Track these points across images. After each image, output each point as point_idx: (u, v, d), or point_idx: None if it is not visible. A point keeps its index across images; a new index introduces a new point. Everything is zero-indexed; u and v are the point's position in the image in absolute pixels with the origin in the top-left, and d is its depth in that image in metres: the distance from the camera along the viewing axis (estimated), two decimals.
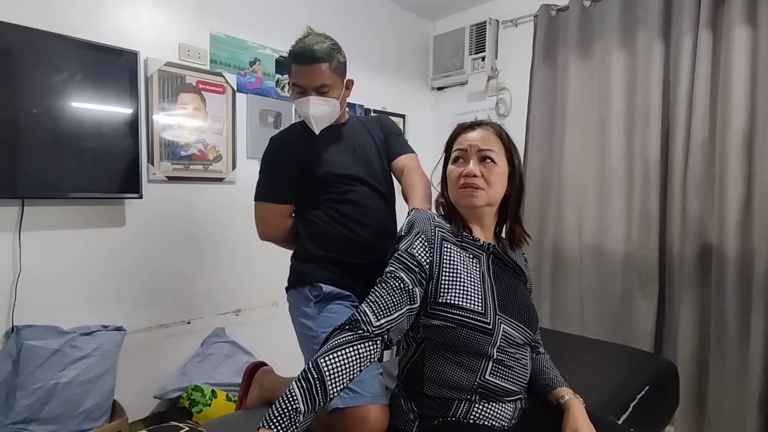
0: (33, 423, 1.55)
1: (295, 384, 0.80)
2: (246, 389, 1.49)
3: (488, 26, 2.91)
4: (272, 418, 0.76)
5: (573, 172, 2.49)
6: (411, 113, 3.22)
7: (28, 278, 1.69)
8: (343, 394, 1.04)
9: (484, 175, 1.00)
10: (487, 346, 0.94)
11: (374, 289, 0.94)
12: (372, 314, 0.88)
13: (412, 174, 1.38)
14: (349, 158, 1.39)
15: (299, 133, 1.43)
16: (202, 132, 2.15)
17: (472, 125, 1.07)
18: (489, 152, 1.01)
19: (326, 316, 1.24)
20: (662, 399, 1.54)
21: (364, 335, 0.86)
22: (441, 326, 0.94)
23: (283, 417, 0.76)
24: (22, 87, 1.60)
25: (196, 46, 2.13)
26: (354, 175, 1.36)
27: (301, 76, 1.30)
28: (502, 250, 1.08)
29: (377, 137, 1.48)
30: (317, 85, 1.30)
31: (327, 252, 1.33)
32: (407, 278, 0.93)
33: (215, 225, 2.22)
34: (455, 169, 1.04)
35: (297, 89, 1.32)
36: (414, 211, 1.09)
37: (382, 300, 0.90)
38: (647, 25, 2.22)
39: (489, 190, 1.01)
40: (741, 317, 1.93)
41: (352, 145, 1.42)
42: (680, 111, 2.11)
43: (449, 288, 0.95)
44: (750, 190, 1.93)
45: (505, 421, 0.98)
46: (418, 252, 0.96)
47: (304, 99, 1.31)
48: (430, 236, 0.99)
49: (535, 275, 2.66)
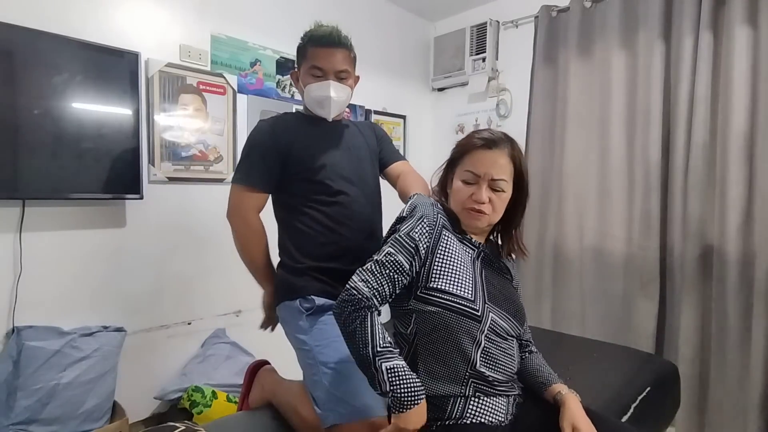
0: (33, 424, 1.55)
1: (387, 366, 0.88)
2: (248, 389, 1.48)
3: (489, 27, 2.91)
4: (415, 390, 0.87)
5: (574, 173, 2.49)
6: (411, 114, 3.23)
7: (29, 279, 1.69)
8: (341, 409, 1.05)
9: (492, 201, 1.02)
10: (476, 333, 0.97)
11: (372, 269, 0.96)
12: (372, 297, 0.94)
13: (409, 177, 1.39)
14: (342, 157, 1.34)
15: (294, 121, 1.39)
16: (203, 133, 2.16)
17: (489, 143, 1.03)
18: (501, 182, 1.02)
19: (319, 328, 1.20)
20: (663, 400, 1.54)
21: (373, 308, 0.94)
22: (430, 312, 0.97)
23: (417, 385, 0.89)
24: (24, 88, 1.60)
25: (197, 47, 2.14)
26: (346, 176, 1.32)
27: (323, 58, 1.28)
28: (491, 252, 1.11)
29: (370, 142, 1.45)
30: (340, 68, 1.29)
31: (317, 261, 1.26)
32: (405, 262, 0.97)
33: (216, 226, 2.20)
34: (464, 189, 1.03)
35: (316, 72, 1.29)
36: (416, 195, 1.09)
37: (381, 284, 0.95)
38: (648, 25, 2.22)
39: (493, 215, 1.04)
40: (742, 318, 1.92)
41: (347, 145, 1.38)
42: (681, 112, 2.11)
43: (441, 274, 0.98)
44: (751, 191, 1.93)
45: (501, 416, 0.99)
46: (418, 236, 0.99)
47: (324, 82, 1.28)
48: (433, 221, 1.02)
49: (536, 276, 2.66)
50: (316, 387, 1.14)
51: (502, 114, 2.96)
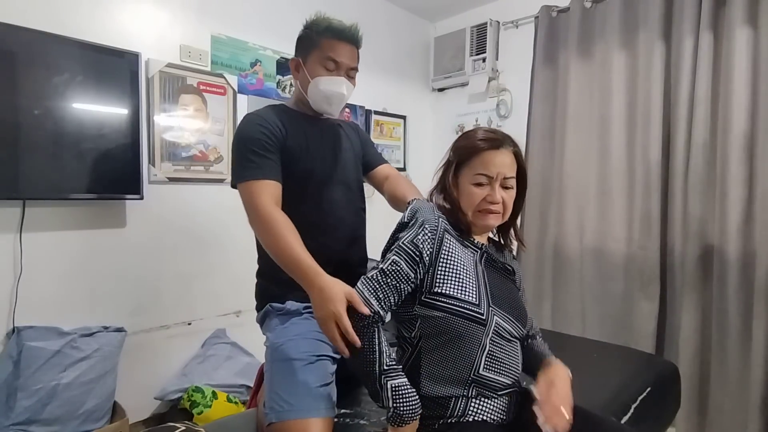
0: (34, 424, 1.55)
1: (392, 384, 0.91)
2: (258, 387, 1.47)
3: (489, 27, 2.91)
4: (414, 409, 0.91)
5: (574, 173, 2.49)
6: (411, 114, 3.23)
7: (29, 279, 1.69)
8: (277, 407, 1.02)
9: (504, 200, 1.04)
10: (481, 336, 0.97)
11: (378, 279, 0.97)
12: (379, 309, 0.96)
13: (399, 180, 1.39)
14: (332, 158, 1.29)
15: (285, 114, 1.26)
16: (203, 133, 2.16)
17: (495, 143, 1.03)
18: (511, 180, 1.05)
19: (284, 327, 1.17)
20: (663, 401, 1.54)
21: (380, 323, 0.97)
22: (436, 317, 0.97)
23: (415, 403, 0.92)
24: (24, 88, 1.60)
25: (197, 47, 2.14)
26: (335, 177, 1.27)
27: (341, 52, 1.22)
28: (493, 251, 1.12)
29: (355, 144, 1.40)
30: (354, 65, 1.25)
31: None
32: (410, 270, 0.98)
33: (216, 226, 2.22)
34: (478, 192, 1.03)
35: (330, 65, 1.22)
36: (416, 200, 1.10)
37: (387, 295, 0.97)
38: (648, 26, 2.22)
39: (505, 214, 1.06)
40: (742, 319, 1.92)
41: (338, 148, 1.33)
42: (681, 112, 2.11)
43: (445, 279, 0.99)
44: (751, 191, 1.93)
45: (502, 414, 0.99)
46: (421, 243, 0.99)
47: (338, 77, 1.23)
48: (435, 226, 1.02)
49: (536, 277, 2.66)
50: (266, 386, 1.11)
51: (503, 114, 2.96)
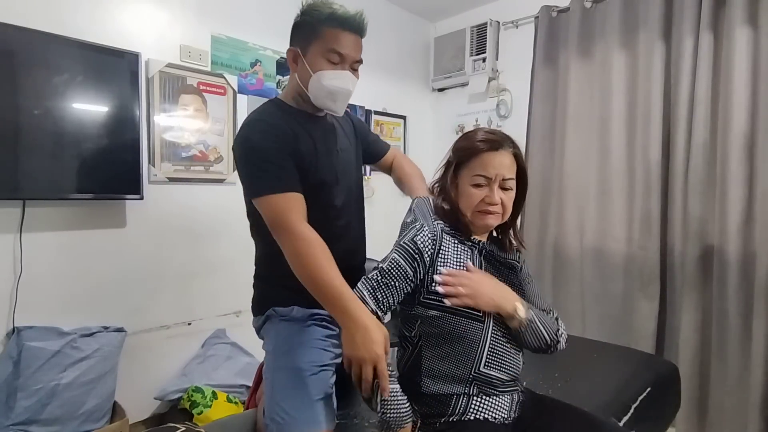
0: (33, 424, 1.55)
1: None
2: (256, 387, 1.47)
3: (489, 27, 2.91)
4: (402, 417, 0.90)
5: (574, 173, 2.49)
6: (412, 114, 3.23)
7: (29, 279, 1.69)
8: (278, 419, 1.00)
9: (503, 201, 1.04)
10: (480, 333, 0.98)
11: (377, 279, 0.98)
12: (377, 310, 0.97)
13: (404, 163, 1.41)
14: (336, 161, 1.19)
15: (287, 115, 1.14)
16: (203, 133, 2.16)
17: (494, 144, 1.03)
18: (510, 181, 1.05)
19: (285, 334, 1.12)
20: (663, 401, 1.54)
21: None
22: (434, 316, 0.98)
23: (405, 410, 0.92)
24: (24, 88, 1.60)
25: (197, 47, 2.14)
26: (341, 182, 1.19)
27: (346, 44, 1.09)
28: (494, 248, 1.12)
29: (352, 139, 1.30)
30: (358, 58, 1.13)
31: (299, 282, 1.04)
32: (410, 269, 0.99)
33: (216, 226, 2.22)
34: (477, 193, 1.03)
35: (334, 57, 1.09)
36: (417, 200, 1.13)
37: (386, 296, 0.98)
38: (648, 26, 2.21)
39: (504, 214, 1.07)
40: (742, 319, 1.92)
41: (339, 147, 1.22)
42: (681, 112, 2.11)
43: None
44: (751, 191, 1.93)
45: (504, 413, 1.00)
46: (422, 243, 1.01)
47: (344, 72, 1.11)
48: (434, 230, 1.04)
49: (536, 277, 2.64)
50: (266, 394, 1.08)
51: (503, 114, 2.96)
